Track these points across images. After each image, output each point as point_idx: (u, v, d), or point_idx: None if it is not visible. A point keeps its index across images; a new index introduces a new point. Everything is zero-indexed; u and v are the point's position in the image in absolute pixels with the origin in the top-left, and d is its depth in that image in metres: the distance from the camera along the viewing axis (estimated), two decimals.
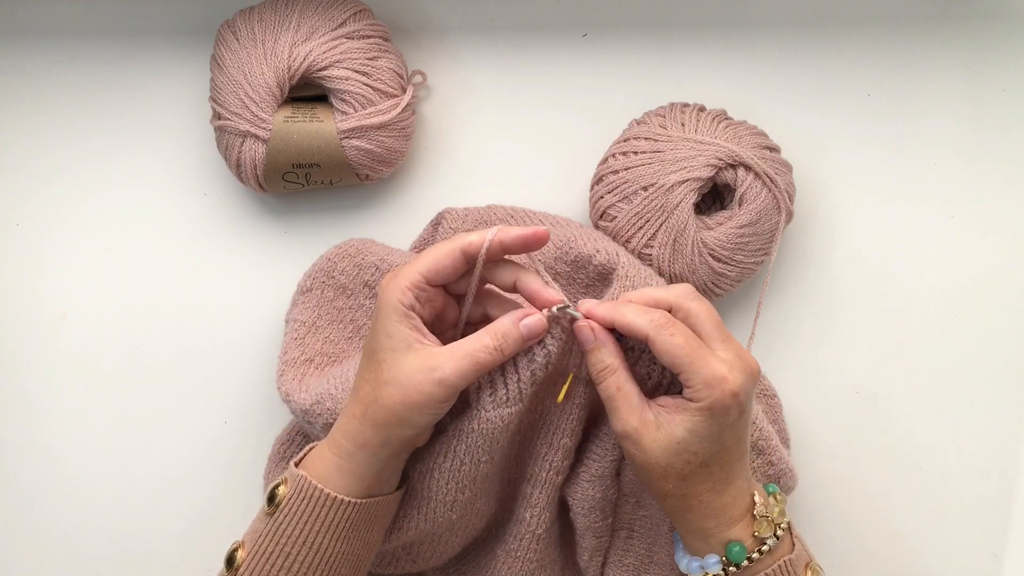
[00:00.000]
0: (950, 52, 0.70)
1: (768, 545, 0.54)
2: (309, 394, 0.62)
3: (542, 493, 0.61)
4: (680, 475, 0.53)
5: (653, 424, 0.53)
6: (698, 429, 0.52)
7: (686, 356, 0.52)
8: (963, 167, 0.71)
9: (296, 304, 0.67)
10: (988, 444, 0.70)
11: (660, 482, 0.53)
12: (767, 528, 0.54)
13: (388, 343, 0.53)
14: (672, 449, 0.52)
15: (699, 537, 0.54)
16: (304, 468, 0.55)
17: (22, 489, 0.72)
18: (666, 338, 0.52)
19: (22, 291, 0.72)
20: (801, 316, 0.71)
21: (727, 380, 0.52)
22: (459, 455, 0.57)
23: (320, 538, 0.54)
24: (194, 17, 0.71)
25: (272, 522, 0.54)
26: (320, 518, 0.54)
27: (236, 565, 0.54)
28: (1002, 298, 0.70)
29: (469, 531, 0.63)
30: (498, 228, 0.54)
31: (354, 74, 0.65)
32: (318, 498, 0.54)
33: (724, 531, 0.54)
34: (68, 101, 0.72)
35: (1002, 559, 0.70)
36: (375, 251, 0.66)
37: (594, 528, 0.62)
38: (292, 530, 0.54)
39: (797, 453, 0.70)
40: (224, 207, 0.72)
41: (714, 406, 0.52)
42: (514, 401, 0.56)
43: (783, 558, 0.54)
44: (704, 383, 0.51)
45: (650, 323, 0.53)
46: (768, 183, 0.64)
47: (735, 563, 0.53)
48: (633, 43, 0.71)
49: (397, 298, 0.53)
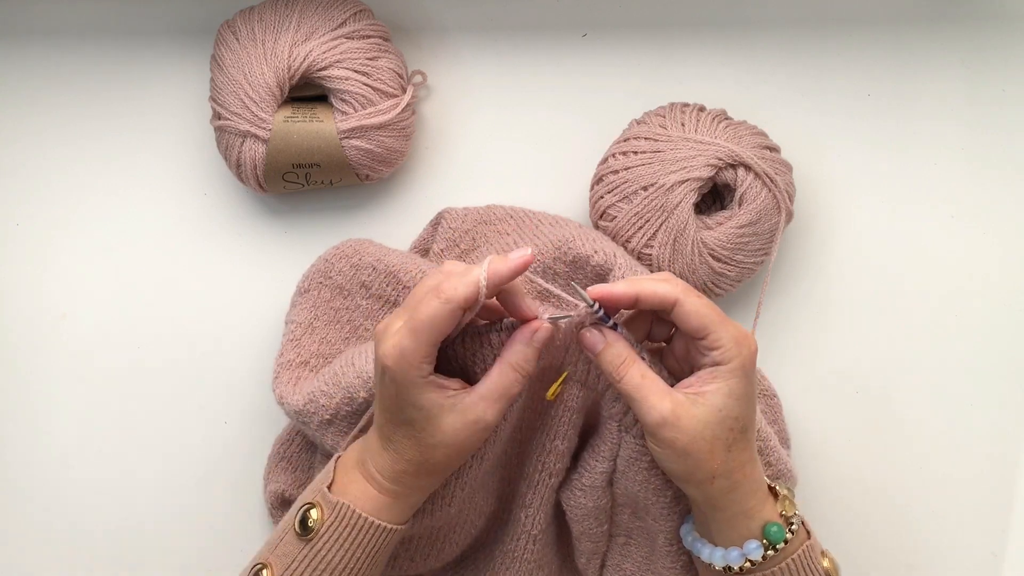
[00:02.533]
0: (950, 52, 0.70)
1: (795, 524, 0.54)
2: (301, 395, 0.62)
3: (536, 494, 0.61)
4: (726, 445, 0.52)
5: (687, 402, 0.52)
6: (735, 390, 0.52)
7: (714, 317, 0.52)
8: (963, 167, 0.71)
9: (294, 305, 0.67)
10: (988, 444, 0.70)
11: (708, 461, 0.52)
12: (791, 506, 0.54)
13: (420, 414, 0.52)
14: (715, 419, 0.52)
15: (741, 521, 0.53)
16: (339, 495, 0.54)
17: (23, 489, 0.72)
18: (694, 300, 0.52)
19: (22, 291, 0.72)
20: (801, 316, 0.71)
21: (749, 337, 0.53)
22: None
23: (359, 564, 0.54)
24: (194, 17, 0.71)
25: (309, 547, 0.53)
26: (363, 546, 0.54)
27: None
28: (1002, 298, 0.70)
29: (468, 529, 0.63)
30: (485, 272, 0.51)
31: (354, 74, 0.65)
32: (362, 526, 0.53)
33: (761, 510, 0.54)
34: (68, 101, 0.72)
35: (1002, 559, 0.70)
36: (372, 251, 0.66)
37: (589, 534, 0.62)
38: (332, 556, 0.53)
39: (797, 453, 0.70)
40: (224, 207, 0.72)
41: (746, 363, 0.52)
42: None
43: (804, 543, 0.54)
44: (733, 341, 0.52)
45: (674, 288, 0.52)
46: (768, 183, 0.64)
47: (774, 544, 0.53)
48: (633, 43, 0.71)
49: (415, 374, 0.51)
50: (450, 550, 0.64)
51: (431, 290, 0.51)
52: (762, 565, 0.53)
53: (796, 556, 0.54)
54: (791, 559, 0.53)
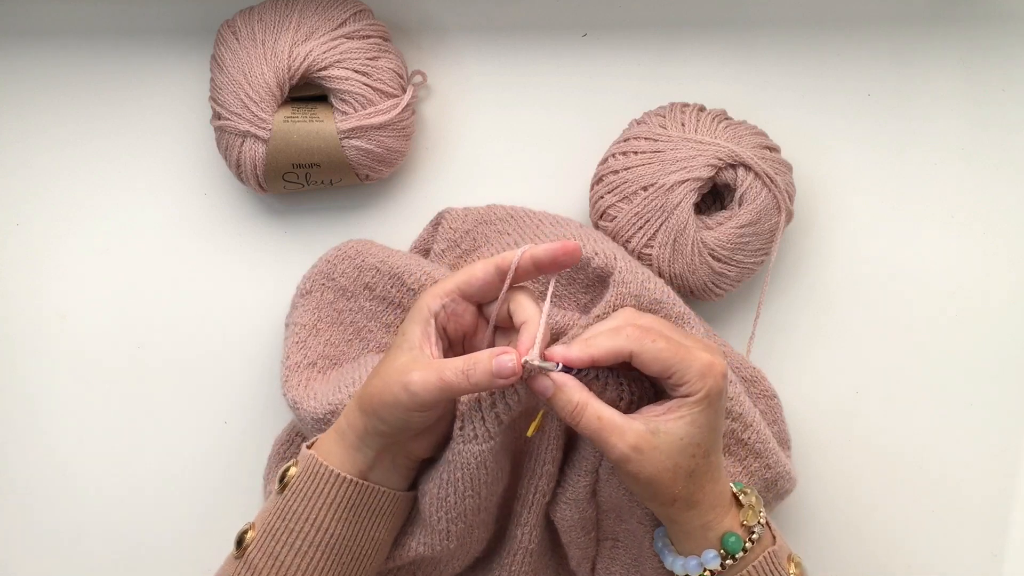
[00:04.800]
0: (950, 52, 0.70)
1: (756, 533, 0.55)
2: (320, 403, 0.62)
3: (531, 513, 0.62)
4: (688, 473, 0.53)
5: (649, 434, 0.52)
6: (698, 420, 0.53)
7: (674, 356, 0.52)
8: (963, 167, 0.71)
9: (296, 307, 0.67)
10: (988, 444, 0.70)
11: (670, 488, 0.53)
12: (752, 516, 0.55)
13: (399, 339, 0.55)
14: (677, 448, 0.52)
15: (700, 533, 0.54)
16: (314, 449, 0.57)
17: (22, 489, 0.72)
18: (649, 346, 0.53)
19: (22, 291, 0.72)
20: (801, 316, 0.71)
21: (715, 364, 0.53)
22: (444, 484, 0.57)
23: (322, 514, 0.55)
24: (194, 17, 0.71)
25: (281, 500, 0.55)
26: (322, 494, 0.55)
27: (245, 544, 0.55)
28: (1002, 298, 0.70)
29: (471, 555, 0.64)
30: (529, 245, 0.54)
31: (354, 74, 0.65)
32: (320, 473, 0.55)
33: (720, 522, 0.54)
34: (68, 101, 0.71)
35: (1002, 559, 0.70)
36: (375, 253, 0.66)
37: (577, 543, 0.63)
38: (298, 505, 0.55)
39: (797, 453, 0.70)
40: (224, 207, 0.72)
41: (711, 393, 0.52)
42: (482, 439, 0.56)
43: (768, 549, 0.55)
44: (699, 375, 0.52)
45: (628, 340, 0.53)
46: (768, 183, 0.64)
47: (732, 554, 0.54)
48: (633, 43, 0.71)
49: (426, 302, 0.55)
50: (451, 572, 0.64)
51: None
52: (722, 574, 0.54)
53: (758, 563, 0.54)
54: (752, 566, 0.54)
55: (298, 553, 0.54)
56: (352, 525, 0.56)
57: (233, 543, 0.56)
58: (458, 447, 0.56)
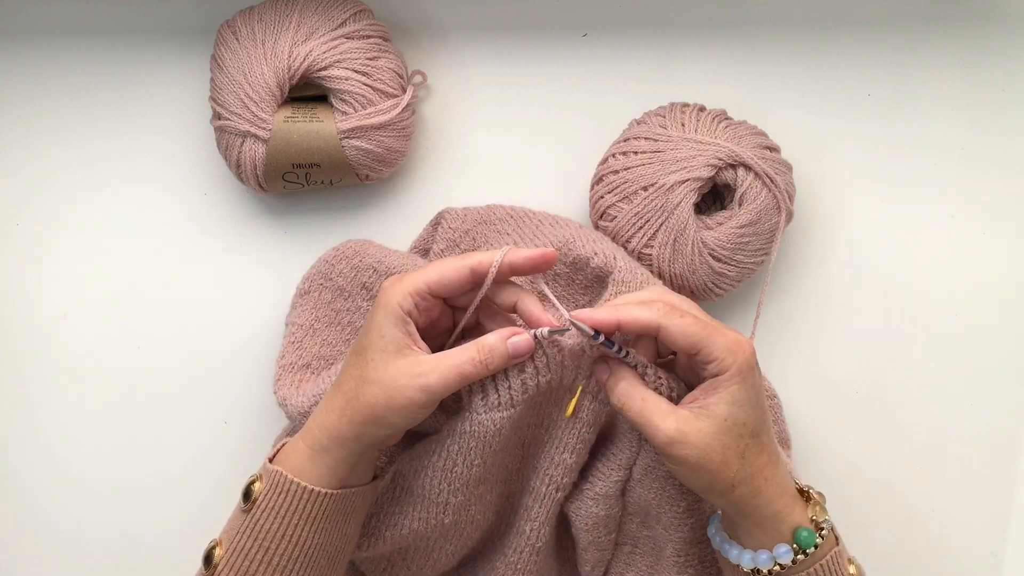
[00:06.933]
0: (950, 52, 0.70)
1: (825, 530, 0.54)
2: (306, 396, 0.62)
3: (542, 507, 0.62)
4: (739, 453, 0.52)
5: (692, 417, 0.52)
6: (737, 398, 0.52)
7: (702, 331, 0.52)
8: (963, 167, 0.71)
9: (294, 307, 0.67)
10: (988, 444, 0.70)
11: (723, 471, 0.52)
12: (822, 512, 0.54)
13: (380, 343, 0.54)
14: (722, 428, 0.52)
15: (770, 524, 0.53)
16: (278, 463, 0.55)
17: (22, 489, 0.72)
18: (677, 321, 0.53)
19: (22, 291, 0.72)
20: (801, 316, 0.71)
21: (742, 341, 0.53)
22: (452, 455, 0.57)
23: (298, 531, 0.54)
24: (194, 17, 0.71)
25: (249, 518, 0.54)
26: (297, 511, 0.54)
27: (214, 563, 0.54)
28: (1002, 298, 0.70)
29: (464, 540, 0.63)
30: (507, 249, 0.54)
31: (354, 74, 0.65)
32: (294, 491, 0.54)
33: (791, 512, 0.54)
34: (68, 101, 0.71)
35: (1002, 559, 0.70)
36: (373, 253, 0.66)
37: (598, 543, 0.63)
38: (270, 524, 0.54)
39: (797, 453, 0.70)
40: (224, 207, 0.72)
41: (742, 368, 0.52)
42: (505, 406, 0.56)
43: (833, 549, 0.54)
44: (727, 350, 0.52)
45: (657, 313, 0.53)
46: (768, 183, 0.64)
47: (804, 549, 0.53)
48: (633, 43, 0.71)
49: (397, 301, 0.54)
50: (445, 560, 0.64)
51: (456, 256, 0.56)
52: (791, 569, 0.53)
53: (824, 562, 0.54)
54: (819, 564, 0.53)
55: (276, 569, 0.54)
56: (329, 532, 0.55)
57: (201, 560, 0.55)
58: (476, 416, 0.56)
